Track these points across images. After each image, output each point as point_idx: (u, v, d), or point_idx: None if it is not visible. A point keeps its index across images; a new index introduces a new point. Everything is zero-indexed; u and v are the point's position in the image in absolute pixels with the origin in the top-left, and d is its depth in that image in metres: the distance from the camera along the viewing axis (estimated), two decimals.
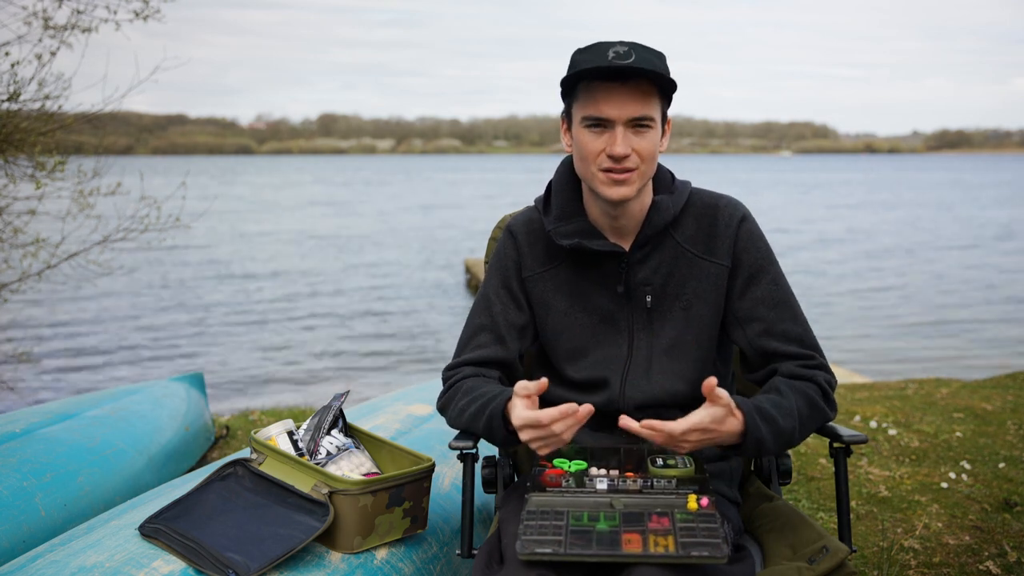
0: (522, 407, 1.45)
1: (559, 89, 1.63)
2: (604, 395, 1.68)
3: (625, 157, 1.54)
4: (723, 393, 1.41)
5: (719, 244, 1.66)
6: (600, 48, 1.54)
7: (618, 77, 1.52)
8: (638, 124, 1.54)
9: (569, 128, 1.64)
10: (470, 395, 1.63)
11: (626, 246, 1.67)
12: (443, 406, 1.73)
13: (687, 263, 1.67)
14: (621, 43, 1.54)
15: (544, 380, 1.47)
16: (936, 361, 8.92)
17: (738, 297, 1.66)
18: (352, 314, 11.83)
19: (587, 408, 1.41)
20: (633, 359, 1.68)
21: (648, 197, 1.66)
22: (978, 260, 17.64)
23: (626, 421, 1.41)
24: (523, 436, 1.45)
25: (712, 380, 1.40)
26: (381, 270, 16.45)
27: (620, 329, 1.69)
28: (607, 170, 1.56)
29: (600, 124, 1.55)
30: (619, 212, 1.64)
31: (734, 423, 1.44)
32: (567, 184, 1.72)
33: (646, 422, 1.39)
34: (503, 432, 1.55)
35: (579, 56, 1.57)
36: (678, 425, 1.39)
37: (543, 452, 1.46)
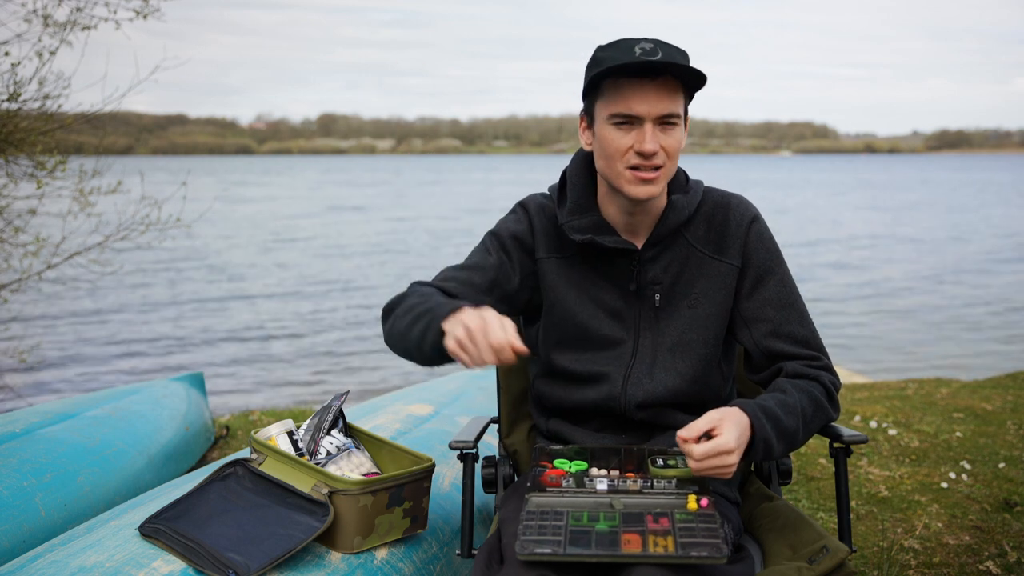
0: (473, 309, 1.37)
1: (558, 96, 1.62)
2: (605, 390, 1.68)
3: (654, 154, 1.53)
4: (697, 424, 1.42)
5: (729, 244, 1.66)
6: (625, 44, 1.53)
7: (648, 73, 1.50)
8: (666, 121, 1.53)
9: (590, 126, 1.63)
10: (426, 297, 1.54)
11: (638, 244, 1.67)
12: (389, 307, 1.61)
13: (697, 262, 1.67)
14: (646, 39, 1.53)
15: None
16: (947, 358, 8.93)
17: (745, 297, 1.66)
18: (353, 314, 11.83)
19: (523, 349, 1.31)
20: (638, 356, 1.68)
21: (664, 196, 1.66)
22: None
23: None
24: (464, 317, 1.35)
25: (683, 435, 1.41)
26: (382, 270, 16.45)
27: (627, 326, 1.69)
28: (635, 167, 1.55)
29: (628, 121, 1.54)
30: (636, 210, 1.63)
31: (741, 420, 1.44)
32: (583, 177, 1.70)
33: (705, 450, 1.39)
34: (434, 338, 1.42)
35: (603, 53, 1.55)
36: (687, 431, 1.40)
37: (452, 349, 1.36)
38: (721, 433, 1.40)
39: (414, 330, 1.49)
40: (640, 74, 1.51)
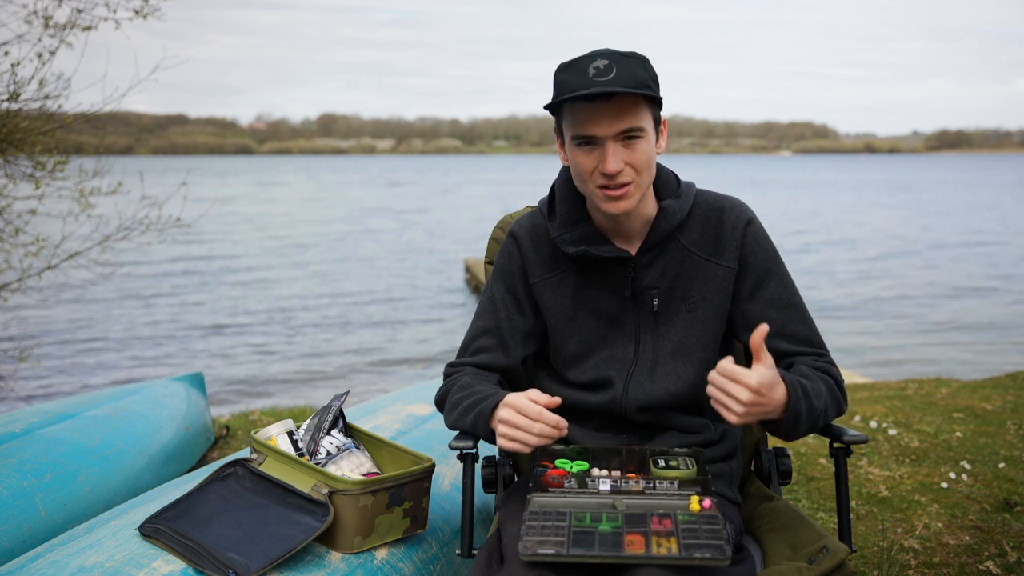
0: (521, 394, 1.47)
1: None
2: (607, 395, 1.68)
3: (618, 172, 1.53)
4: (767, 355, 1.39)
5: (725, 247, 1.66)
6: (580, 65, 1.52)
7: (602, 95, 1.49)
8: (628, 137, 1.52)
9: (563, 143, 1.63)
10: (466, 390, 1.65)
11: (632, 250, 1.67)
12: (439, 400, 1.76)
13: (693, 266, 1.67)
14: (601, 55, 1.51)
15: (558, 399, 1.47)
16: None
17: (747, 300, 1.66)
18: (352, 314, 11.83)
19: (564, 429, 1.45)
20: (639, 361, 1.68)
21: (651, 201, 1.66)
22: None
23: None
24: (500, 413, 1.47)
25: (763, 330, 1.37)
26: (381, 271, 16.46)
27: (626, 332, 1.69)
28: (603, 187, 1.55)
29: (589, 142, 1.54)
30: (622, 218, 1.63)
31: (781, 392, 1.42)
32: (570, 189, 1.71)
33: (727, 368, 1.37)
34: (486, 429, 1.56)
35: (560, 76, 1.55)
36: (752, 378, 1.36)
37: (507, 446, 1.46)
38: (752, 374, 1.37)
39: (467, 422, 1.61)
40: (590, 97, 1.49)
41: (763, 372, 1.38)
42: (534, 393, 1.48)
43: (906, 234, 22.77)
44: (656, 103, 1.56)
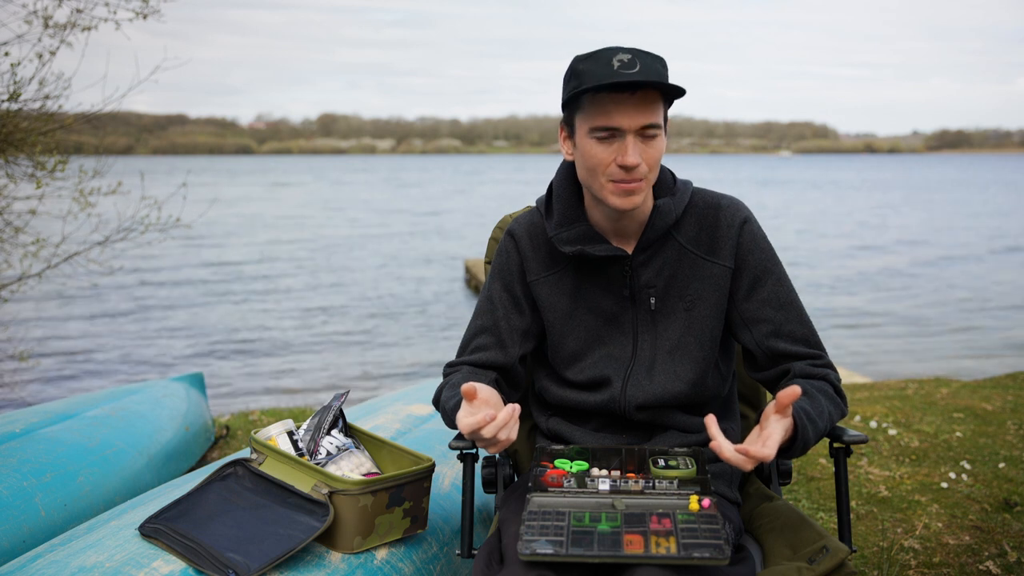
0: (464, 415, 1.42)
1: (559, 96, 1.61)
2: (606, 394, 1.68)
3: (636, 167, 1.53)
4: (790, 408, 1.41)
5: (722, 246, 1.66)
6: (603, 56, 1.52)
7: (627, 87, 1.50)
8: (647, 132, 1.53)
9: (569, 136, 1.63)
10: (454, 389, 1.64)
11: (628, 249, 1.67)
12: (435, 400, 1.75)
13: (690, 264, 1.67)
14: (623, 50, 1.52)
15: (475, 386, 1.43)
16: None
17: (744, 299, 1.66)
18: (352, 314, 11.83)
19: (515, 407, 1.40)
20: (637, 360, 1.68)
21: (649, 199, 1.66)
22: None
23: (722, 449, 1.36)
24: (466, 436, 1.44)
25: (795, 391, 1.38)
26: (382, 271, 16.46)
27: (624, 331, 1.70)
28: (617, 180, 1.55)
29: (610, 134, 1.53)
30: (622, 216, 1.63)
31: (791, 429, 1.44)
32: (568, 188, 1.71)
33: (740, 447, 1.35)
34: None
35: (582, 65, 1.54)
36: (770, 451, 1.36)
37: (492, 451, 1.44)
38: (766, 442, 1.38)
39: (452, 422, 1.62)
40: (620, 88, 1.50)
41: (781, 427, 1.40)
42: (466, 388, 1.43)
43: (925, 236, 22.75)
44: (669, 103, 1.58)
